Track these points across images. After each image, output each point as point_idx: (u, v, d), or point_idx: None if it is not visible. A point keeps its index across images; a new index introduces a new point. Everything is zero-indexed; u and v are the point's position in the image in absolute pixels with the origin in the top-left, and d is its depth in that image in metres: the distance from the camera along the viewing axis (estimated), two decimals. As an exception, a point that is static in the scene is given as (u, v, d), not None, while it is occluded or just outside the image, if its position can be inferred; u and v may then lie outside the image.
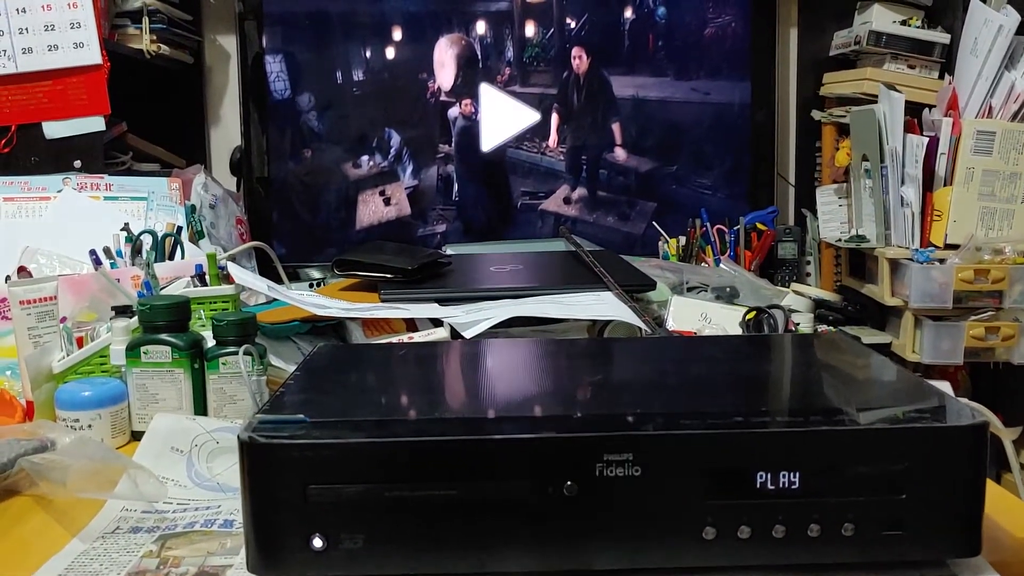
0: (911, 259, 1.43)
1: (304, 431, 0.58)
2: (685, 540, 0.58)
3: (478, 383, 0.73)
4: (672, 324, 1.08)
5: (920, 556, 0.59)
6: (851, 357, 0.78)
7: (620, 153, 1.77)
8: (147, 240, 1.15)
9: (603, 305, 1.02)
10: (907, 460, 0.58)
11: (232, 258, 1.07)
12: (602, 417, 0.62)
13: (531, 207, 1.73)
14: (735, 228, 1.70)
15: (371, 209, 1.76)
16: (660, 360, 0.79)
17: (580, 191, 1.76)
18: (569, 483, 0.57)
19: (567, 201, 1.74)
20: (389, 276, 1.10)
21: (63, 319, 1.01)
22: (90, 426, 0.86)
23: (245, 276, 1.00)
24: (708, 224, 1.69)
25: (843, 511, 0.58)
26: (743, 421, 0.60)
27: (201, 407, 0.90)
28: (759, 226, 1.72)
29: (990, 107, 1.46)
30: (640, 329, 1.00)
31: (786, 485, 0.58)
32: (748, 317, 1.04)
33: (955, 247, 1.43)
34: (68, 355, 0.94)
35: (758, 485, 0.58)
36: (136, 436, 0.88)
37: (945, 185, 1.45)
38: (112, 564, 0.63)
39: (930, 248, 1.44)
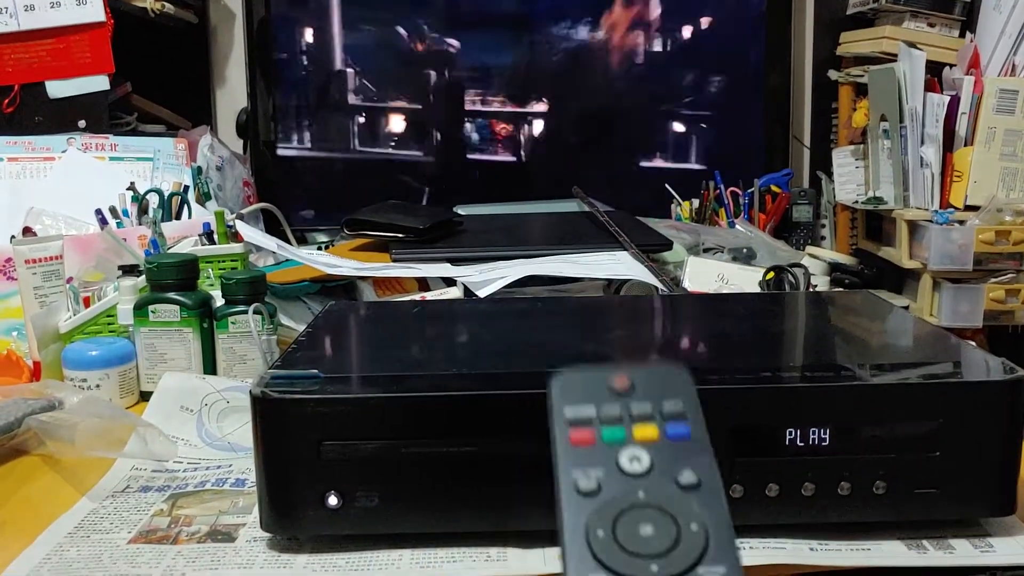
0: (930, 221, 1.40)
1: (318, 386, 0.57)
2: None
3: (495, 339, 0.71)
4: (688, 285, 1.06)
5: (953, 515, 0.58)
6: (878, 314, 0.76)
7: (633, 114, 1.74)
8: (153, 199, 1.13)
9: (619, 265, 1.00)
10: (941, 416, 0.56)
11: (240, 218, 1.05)
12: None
13: (544, 169, 1.70)
14: (749, 191, 1.68)
15: (380, 173, 1.73)
16: (681, 317, 0.77)
17: (592, 152, 1.73)
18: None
19: (579, 162, 1.71)
20: (400, 236, 1.08)
21: (69, 279, 0.99)
22: (98, 386, 0.85)
23: (254, 234, 0.98)
24: (722, 187, 1.66)
25: (874, 469, 0.56)
26: (771, 376, 0.58)
27: (210, 367, 0.88)
28: (773, 189, 1.69)
29: (1013, 65, 1.43)
30: (657, 289, 0.98)
31: (816, 442, 0.56)
32: (768, 277, 1.02)
33: (975, 208, 1.41)
34: (75, 315, 0.93)
35: (787, 442, 0.56)
36: (145, 396, 0.86)
37: (966, 145, 1.42)
38: (122, 523, 0.62)
39: (949, 209, 1.42)
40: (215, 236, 0.99)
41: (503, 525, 0.57)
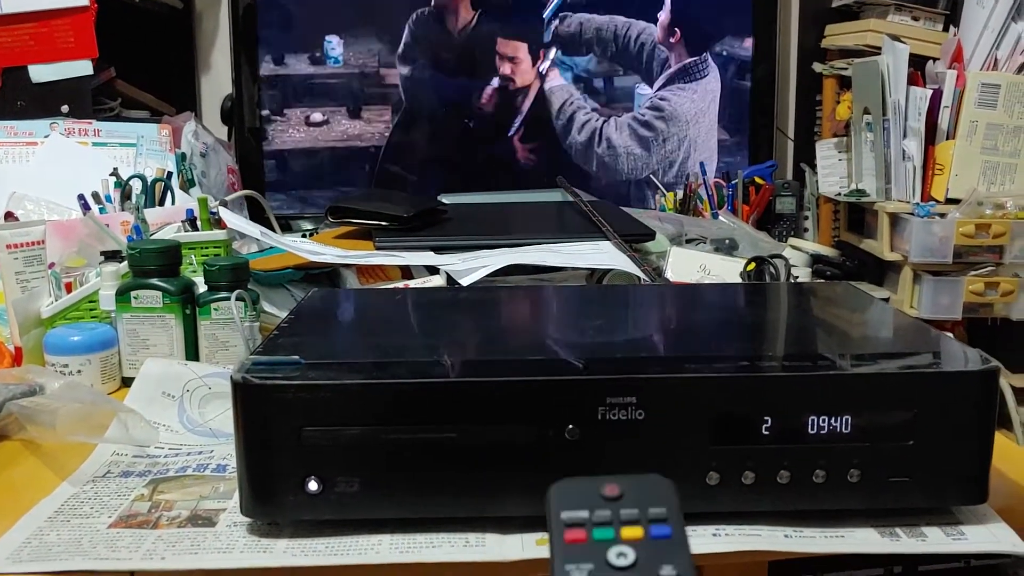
0: (911, 213, 1.41)
1: (299, 372, 0.57)
2: (688, 485, 0.57)
3: (478, 327, 0.71)
4: (671, 275, 1.07)
5: (926, 503, 0.58)
6: (856, 305, 0.77)
7: (618, 104, 1.74)
8: (136, 185, 1.13)
9: (602, 254, 1.00)
10: (916, 406, 0.57)
11: (224, 204, 1.05)
12: (605, 360, 0.61)
13: (528, 159, 1.70)
14: (733, 182, 1.68)
15: (366, 162, 1.73)
16: (662, 306, 0.78)
17: (577, 142, 1.73)
18: (571, 427, 0.56)
19: (563, 152, 1.71)
20: (384, 224, 1.08)
21: (51, 265, 0.99)
22: (79, 371, 0.85)
23: (237, 221, 0.98)
24: (706, 178, 1.67)
25: (849, 457, 0.57)
26: (748, 365, 0.59)
27: (193, 353, 0.88)
28: (757, 180, 1.69)
29: (995, 59, 1.44)
30: (639, 279, 0.98)
31: (792, 430, 0.57)
32: (749, 268, 1.02)
33: (956, 202, 1.42)
34: (56, 300, 0.92)
35: (763, 430, 0.57)
36: (127, 382, 0.86)
37: (948, 139, 1.43)
38: (103, 507, 0.62)
39: (931, 202, 1.43)
40: (198, 222, 0.99)
41: (482, 511, 0.57)
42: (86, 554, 0.55)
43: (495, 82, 1.71)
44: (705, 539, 0.56)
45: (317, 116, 1.74)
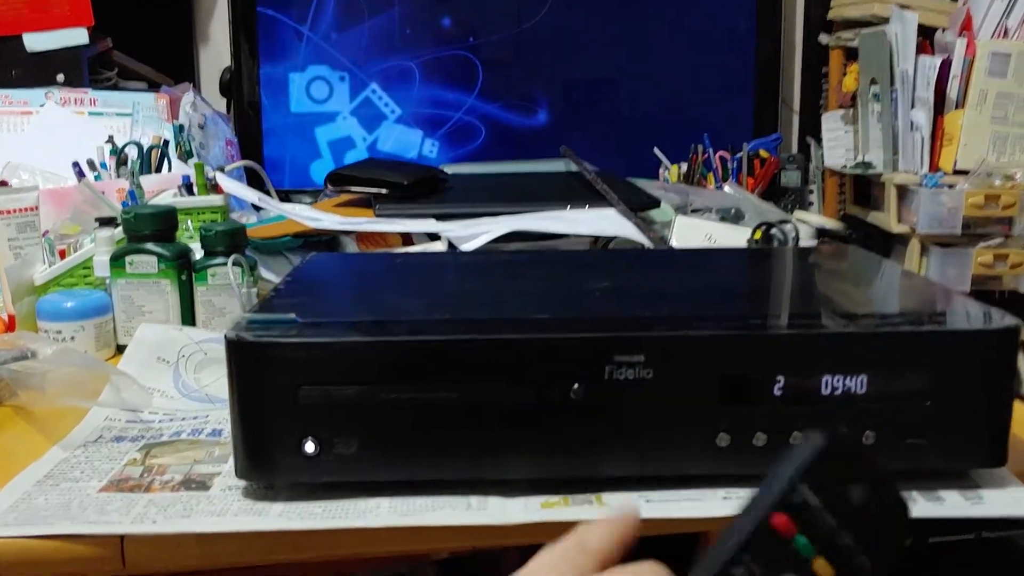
0: (920, 184, 1.39)
1: (295, 331, 0.55)
2: (697, 447, 0.55)
3: (480, 287, 0.69)
4: (676, 243, 1.05)
5: (943, 466, 0.57)
6: (868, 266, 0.75)
7: (622, 77, 1.71)
8: (132, 152, 1.11)
9: (606, 221, 0.98)
10: (933, 365, 0.55)
11: (221, 170, 1.03)
12: (612, 318, 0.59)
13: (530, 129, 1.68)
14: (737, 155, 1.66)
15: (366, 134, 1.71)
16: (670, 269, 0.76)
17: (579, 114, 1.71)
18: (576, 386, 0.54)
19: (566, 124, 1.69)
20: (384, 191, 1.06)
21: (45, 232, 0.97)
22: (73, 338, 0.83)
23: (234, 186, 0.96)
24: (710, 150, 1.65)
25: (864, 418, 0.55)
26: (760, 323, 0.57)
27: (189, 320, 0.86)
28: (762, 153, 1.67)
29: (1006, 28, 1.41)
30: (644, 246, 0.96)
31: (804, 391, 0.55)
32: (756, 236, 1.00)
33: (965, 173, 1.39)
34: (50, 267, 0.91)
35: (775, 390, 0.55)
36: (121, 350, 0.84)
37: (956, 108, 1.41)
38: (94, 471, 0.60)
39: (939, 173, 1.40)
40: (195, 188, 0.97)
41: (484, 473, 0.55)
42: (75, 518, 0.53)
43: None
44: (715, 503, 0.55)
45: (318, 88, 1.72)
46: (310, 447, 0.54)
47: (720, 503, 0.54)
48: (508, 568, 0.39)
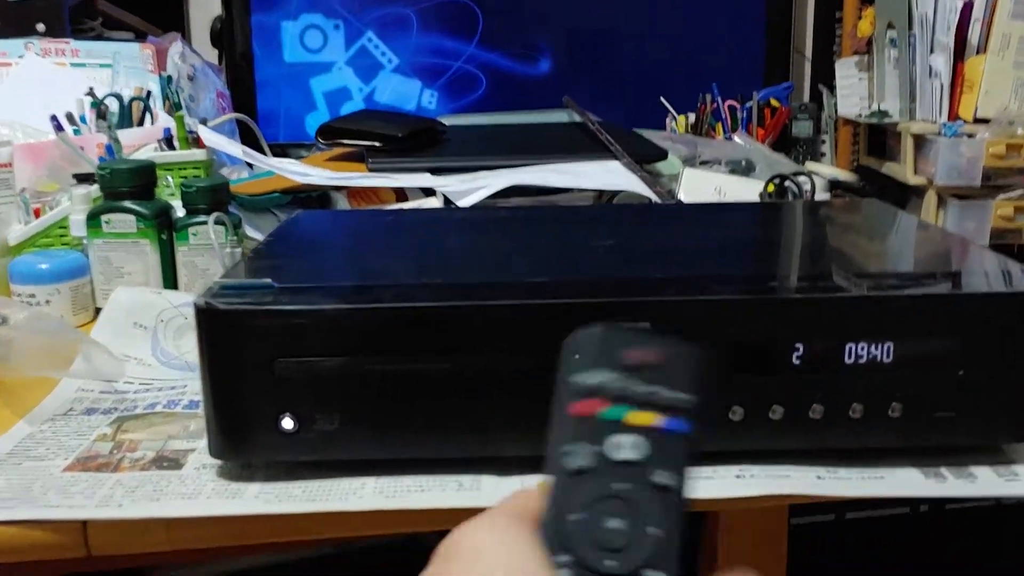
0: (938, 134, 1.33)
1: (271, 297, 0.50)
2: (709, 421, 0.50)
3: (475, 248, 0.64)
4: (683, 197, 1.00)
5: (973, 440, 0.52)
6: (890, 222, 0.70)
7: (627, 25, 1.65)
8: (112, 104, 1.05)
9: (610, 175, 0.93)
10: (966, 331, 0.50)
11: (203, 122, 0.98)
12: (616, 280, 0.54)
13: (532, 79, 1.62)
14: (747, 105, 1.60)
15: (363, 84, 1.65)
16: (678, 226, 0.71)
17: (583, 62, 1.65)
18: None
19: (568, 75, 1.63)
20: (377, 144, 1.00)
21: (22, 190, 0.92)
22: (48, 302, 0.79)
23: (217, 139, 0.91)
24: (719, 99, 1.59)
25: (890, 390, 0.51)
26: (778, 286, 0.52)
27: (171, 282, 0.82)
28: (773, 103, 1.61)
29: (1031, -32, 1.34)
30: (650, 200, 0.92)
31: (826, 360, 0.50)
32: (769, 189, 0.95)
33: (986, 121, 1.33)
34: (25, 226, 0.86)
35: (793, 359, 0.50)
36: (101, 314, 0.80)
37: (978, 54, 1.35)
38: (60, 448, 0.56)
39: (958, 122, 1.34)
40: (175, 142, 0.92)
41: (477, 451, 0.51)
42: (35, 501, 0.50)
43: None
44: (727, 481, 0.50)
45: (313, 38, 1.65)
46: (288, 424, 0.50)
47: (733, 482, 0.50)
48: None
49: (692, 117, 1.58)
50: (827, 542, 0.94)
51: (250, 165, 1.12)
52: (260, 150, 1.23)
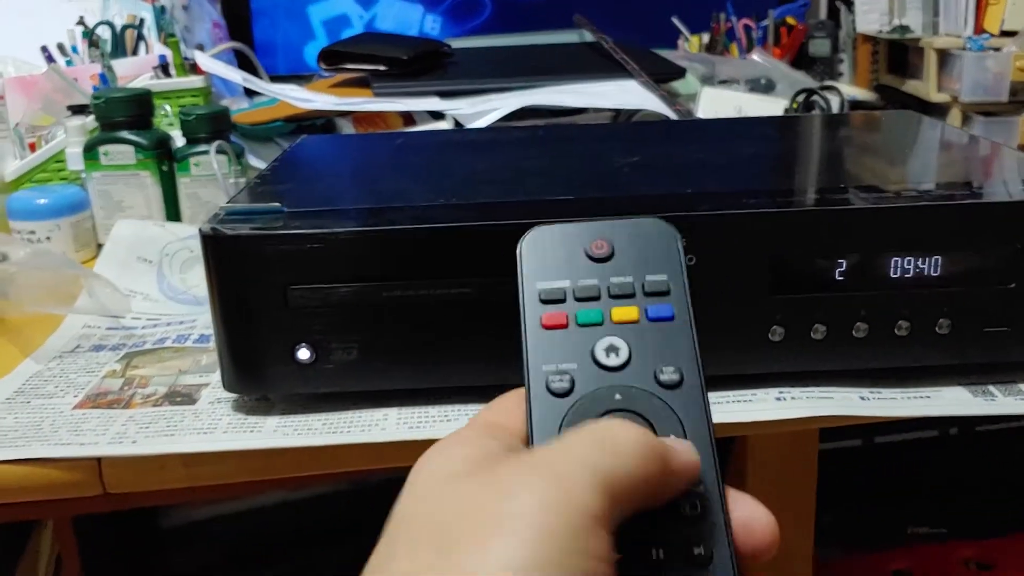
0: (963, 48, 1.28)
1: (281, 222, 0.48)
2: (748, 342, 0.48)
3: (493, 169, 0.61)
4: (703, 117, 0.96)
5: (1025, 356, 0.50)
6: (927, 132, 0.67)
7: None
8: (105, 32, 1.01)
9: (627, 94, 0.89)
10: (1018, 241, 0.47)
11: (200, 48, 0.94)
12: (647, 196, 0.51)
13: (538, 1, 1.57)
14: (763, 23, 1.55)
15: (363, 11, 1.60)
16: (705, 141, 0.68)
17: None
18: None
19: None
20: (382, 68, 0.96)
21: (15, 125, 0.89)
22: (48, 238, 0.76)
23: (215, 65, 0.87)
24: (733, 18, 1.53)
25: (938, 304, 0.48)
26: (818, 198, 0.49)
27: (174, 215, 0.79)
28: (789, 21, 1.56)
29: None
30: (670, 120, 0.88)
31: (869, 274, 0.47)
32: (793, 105, 0.92)
33: (1012, 34, 1.29)
34: (21, 161, 0.83)
35: (836, 275, 0.47)
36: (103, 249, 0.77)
37: (1004, -38, 1.29)
38: (69, 385, 0.54)
39: (984, 35, 1.29)
40: (172, 69, 0.88)
41: (503, 378, 0.48)
42: (46, 439, 0.47)
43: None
44: (767, 404, 0.48)
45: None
46: (304, 354, 0.47)
47: (774, 404, 0.48)
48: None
49: (706, 37, 1.53)
50: (856, 467, 0.93)
51: (249, 95, 1.08)
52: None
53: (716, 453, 0.28)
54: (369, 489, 1.19)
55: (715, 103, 0.98)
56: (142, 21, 1.06)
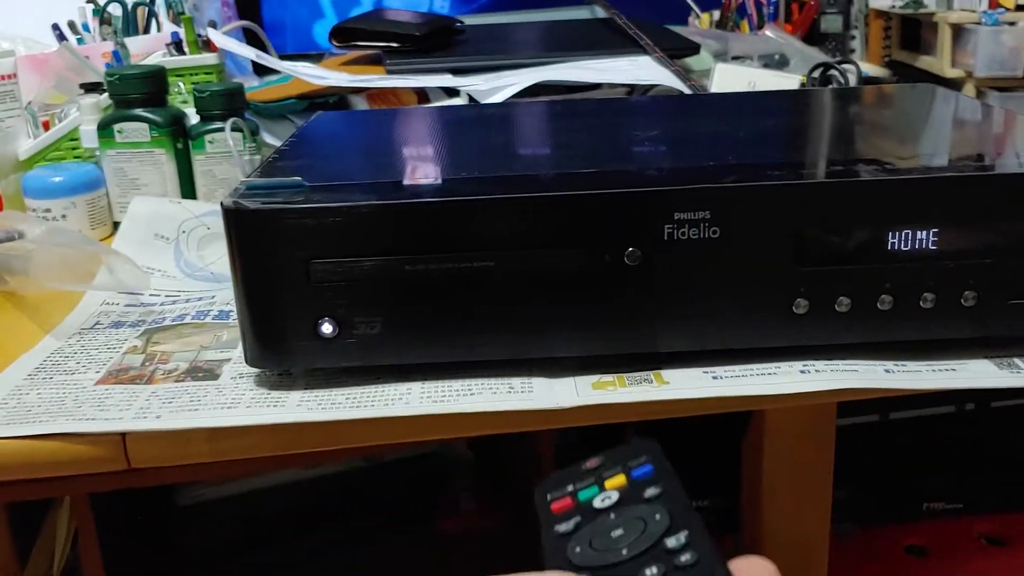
0: (978, 23, 1.27)
1: (303, 196, 0.47)
2: (772, 315, 0.48)
3: (513, 142, 0.61)
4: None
5: (1052, 329, 0.49)
6: (949, 104, 0.66)
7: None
8: (116, 9, 1.01)
9: (641, 70, 0.89)
10: (1046, 213, 0.47)
11: (213, 25, 0.93)
12: (670, 169, 0.51)
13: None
14: None
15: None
16: (724, 115, 0.67)
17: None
18: (631, 249, 0.46)
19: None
20: (395, 45, 0.96)
21: (29, 103, 0.89)
22: (64, 216, 0.76)
23: (228, 42, 0.87)
24: (744, -6, 1.52)
25: (963, 277, 0.48)
26: (843, 170, 0.49)
27: (189, 192, 0.79)
28: (800, -4, 1.55)
29: None
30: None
31: (894, 246, 0.47)
32: (804, 80, 0.91)
33: (1027, 8, 1.28)
34: (34, 140, 0.83)
35: (861, 247, 0.47)
36: (119, 228, 0.77)
37: (1020, -65, 1.28)
38: (90, 361, 0.54)
39: (999, 10, 1.28)
40: (185, 46, 0.88)
41: (527, 352, 0.49)
42: (71, 414, 0.47)
43: None
44: (791, 377, 0.48)
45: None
46: (327, 328, 0.47)
47: (798, 377, 0.48)
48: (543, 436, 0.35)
49: (716, 14, 1.52)
50: (871, 442, 0.92)
51: (259, 73, 1.07)
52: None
53: (697, 516, 0.30)
54: (383, 468, 1.20)
55: (729, 78, 0.97)
56: (153, 0, 1.05)
